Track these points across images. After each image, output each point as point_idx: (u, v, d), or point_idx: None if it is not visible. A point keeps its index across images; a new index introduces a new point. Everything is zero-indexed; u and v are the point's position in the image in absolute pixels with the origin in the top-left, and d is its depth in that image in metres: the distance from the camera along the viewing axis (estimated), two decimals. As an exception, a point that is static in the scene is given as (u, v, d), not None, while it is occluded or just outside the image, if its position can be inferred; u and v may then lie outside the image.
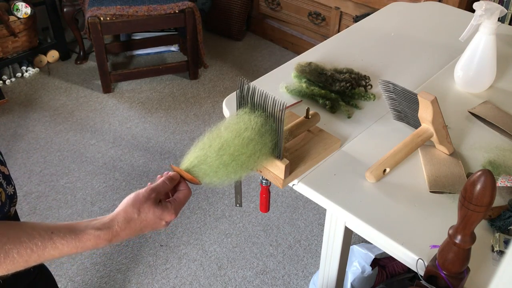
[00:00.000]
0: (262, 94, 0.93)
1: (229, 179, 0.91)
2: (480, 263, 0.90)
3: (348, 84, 1.29)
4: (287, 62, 1.46)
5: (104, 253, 2.06)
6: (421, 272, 0.87)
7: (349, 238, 1.23)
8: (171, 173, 0.90)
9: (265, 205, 1.15)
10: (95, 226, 0.80)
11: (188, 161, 0.91)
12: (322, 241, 1.27)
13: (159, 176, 0.90)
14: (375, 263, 1.76)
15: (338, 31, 2.84)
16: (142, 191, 0.85)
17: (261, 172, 1.03)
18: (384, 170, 1.07)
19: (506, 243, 0.91)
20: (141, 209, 0.83)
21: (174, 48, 3.37)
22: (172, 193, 0.91)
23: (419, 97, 1.04)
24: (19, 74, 3.07)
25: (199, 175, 0.90)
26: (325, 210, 1.14)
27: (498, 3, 2.17)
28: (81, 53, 3.22)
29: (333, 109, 1.26)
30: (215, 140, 0.91)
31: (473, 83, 1.34)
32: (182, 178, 0.91)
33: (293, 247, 2.09)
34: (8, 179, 0.96)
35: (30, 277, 1.05)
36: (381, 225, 0.97)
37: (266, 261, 2.04)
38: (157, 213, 0.84)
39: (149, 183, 0.89)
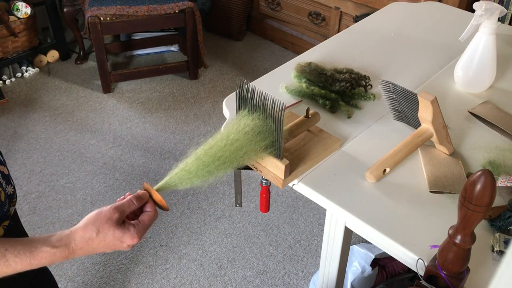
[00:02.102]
0: (262, 95, 0.93)
1: (213, 176, 0.90)
2: (480, 263, 0.90)
3: (348, 84, 1.29)
4: (287, 62, 1.45)
5: (104, 253, 2.06)
6: (421, 272, 0.87)
7: (349, 238, 1.23)
8: (139, 191, 0.87)
9: (265, 205, 1.15)
10: (51, 243, 0.78)
11: (166, 177, 0.89)
12: (322, 241, 1.27)
13: (127, 193, 0.87)
14: (375, 263, 1.76)
15: (338, 31, 2.84)
16: (105, 209, 0.82)
17: (261, 172, 1.03)
18: (384, 170, 1.07)
19: (506, 243, 0.91)
20: (100, 229, 0.80)
21: (174, 48, 3.37)
22: (139, 213, 0.87)
23: (419, 97, 1.04)
24: (19, 74, 3.07)
25: (176, 182, 0.88)
26: (325, 210, 1.14)
27: (498, 3, 2.17)
28: (81, 53, 3.22)
29: (333, 109, 1.26)
30: (198, 149, 0.91)
31: (473, 83, 1.34)
32: (150, 199, 0.88)
33: (293, 247, 2.09)
34: (7, 178, 0.96)
35: (30, 277, 1.05)
36: (381, 225, 0.97)
37: (266, 261, 2.04)
38: (117, 234, 0.81)
39: (117, 200, 0.86)
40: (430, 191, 1.04)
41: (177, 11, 2.80)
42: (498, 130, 1.21)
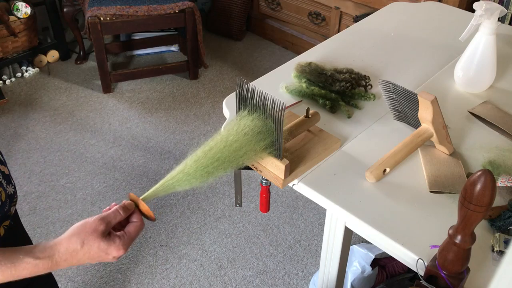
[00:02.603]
0: (262, 95, 0.93)
1: (213, 176, 0.90)
2: (480, 263, 0.90)
3: (348, 84, 1.29)
4: (287, 62, 1.45)
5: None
6: (421, 272, 0.87)
7: (349, 238, 1.22)
8: (125, 201, 0.86)
9: (265, 205, 1.15)
10: (34, 254, 0.77)
11: (155, 185, 0.88)
12: (322, 241, 1.27)
13: (113, 204, 0.86)
14: (375, 263, 1.76)
15: (338, 31, 2.84)
16: (91, 220, 0.80)
17: (261, 172, 1.03)
18: (384, 170, 1.07)
19: (506, 243, 0.91)
20: (85, 241, 0.78)
21: (174, 48, 3.37)
22: (125, 223, 0.86)
23: (419, 97, 1.04)
24: (19, 74, 3.07)
25: (175, 185, 0.88)
26: (325, 210, 1.14)
27: (498, 3, 2.17)
28: (81, 53, 3.22)
29: (333, 109, 1.26)
30: (197, 151, 0.91)
31: (473, 83, 1.34)
32: (137, 209, 0.87)
33: (293, 247, 2.09)
34: (8, 178, 0.96)
35: (30, 277, 1.05)
36: (381, 225, 0.97)
37: (266, 261, 2.04)
38: (102, 246, 0.79)
39: (103, 210, 0.85)
40: (430, 191, 1.04)
41: (177, 11, 2.80)
42: (498, 130, 1.21)
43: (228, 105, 1.29)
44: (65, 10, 3.03)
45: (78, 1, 3.02)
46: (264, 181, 1.09)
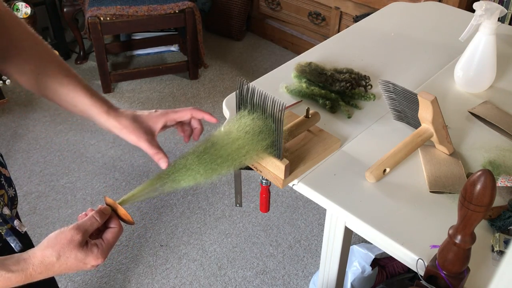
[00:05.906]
0: (262, 95, 0.93)
1: (216, 174, 0.89)
2: (480, 263, 0.90)
3: (348, 84, 1.29)
4: (287, 62, 1.45)
5: (104, 253, 2.06)
6: (421, 272, 0.87)
7: (349, 238, 1.22)
8: (102, 206, 0.83)
9: (265, 205, 1.15)
10: (7, 266, 0.74)
11: (138, 187, 0.86)
12: (322, 241, 1.27)
13: (89, 209, 0.83)
14: (375, 263, 1.76)
15: (338, 31, 2.84)
16: (66, 230, 0.78)
17: (261, 172, 1.03)
18: (384, 170, 1.07)
19: (506, 243, 0.91)
20: (61, 253, 0.76)
21: (174, 48, 3.37)
22: (102, 228, 0.83)
23: (419, 97, 1.04)
24: (19, 74, 3.07)
25: (177, 179, 0.87)
26: (325, 210, 1.14)
27: (498, 3, 2.17)
28: (81, 53, 3.22)
29: (333, 109, 1.26)
30: (199, 147, 0.90)
31: (473, 83, 1.34)
32: (114, 213, 0.84)
33: (293, 247, 2.09)
34: (9, 181, 0.96)
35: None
36: (381, 225, 0.97)
37: (266, 261, 2.04)
38: (79, 257, 0.77)
39: (79, 216, 0.82)
40: (430, 191, 1.04)
41: (177, 11, 2.80)
42: (498, 130, 1.21)
43: (228, 105, 1.29)
44: (65, 10, 3.03)
45: (78, 1, 3.01)
46: (264, 181, 1.09)
